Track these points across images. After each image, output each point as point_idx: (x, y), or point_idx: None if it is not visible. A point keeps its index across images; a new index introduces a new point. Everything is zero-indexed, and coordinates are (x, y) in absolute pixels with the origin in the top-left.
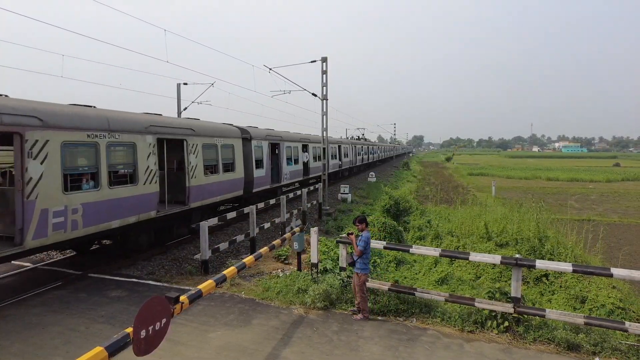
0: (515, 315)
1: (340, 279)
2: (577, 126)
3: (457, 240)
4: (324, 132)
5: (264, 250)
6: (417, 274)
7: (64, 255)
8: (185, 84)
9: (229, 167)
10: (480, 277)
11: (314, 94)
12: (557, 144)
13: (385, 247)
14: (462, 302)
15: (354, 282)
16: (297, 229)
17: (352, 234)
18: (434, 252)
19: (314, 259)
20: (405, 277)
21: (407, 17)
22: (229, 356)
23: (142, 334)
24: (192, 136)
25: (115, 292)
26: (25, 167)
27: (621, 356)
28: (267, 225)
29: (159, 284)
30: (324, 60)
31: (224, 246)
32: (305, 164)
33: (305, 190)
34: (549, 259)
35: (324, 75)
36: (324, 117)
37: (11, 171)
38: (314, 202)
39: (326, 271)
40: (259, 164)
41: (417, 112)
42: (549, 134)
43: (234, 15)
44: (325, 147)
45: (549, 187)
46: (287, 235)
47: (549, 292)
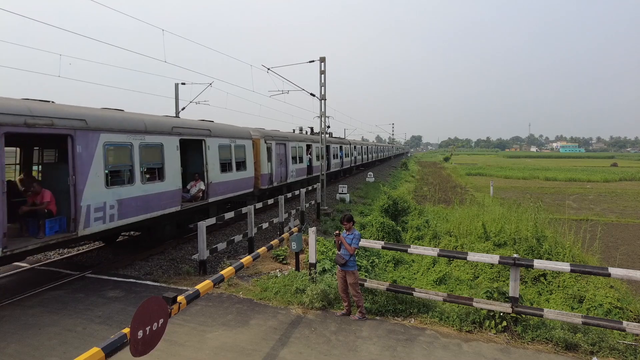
0: (513, 315)
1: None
2: (574, 126)
3: (455, 240)
4: (323, 133)
5: (262, 250)
6: (415, 273)
7: (62, 255)
8: (183, 83)
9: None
10: (478, 277)
11: (312, 94)
12: (555, 144)
13: (383, 247)
14: (460, 302)
15: (341, 283)
16: (295, 229)
17: (339, 234)
18: (432, 252)
19: (312, 259)
20: (403, 277)
21: (406, 17)
22: (227, 357)
23: (139, 334)
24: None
25: (112, 293)
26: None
27: (619, 355)
28: (265, 225)
29: (156, 284)
30: (322, 60)
31: (222, 246)
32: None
33: (303, 190)
34: (547, 259)
35: (322, 75)
36: (322, 117)
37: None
38: (312, 202)
39: (324, 271)
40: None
41: (415, 112)
42: (547, 134)
43: (233, 14)
44: (323, 147)
45: (546, 187)
46: (285, 235)
47: (547, 291)
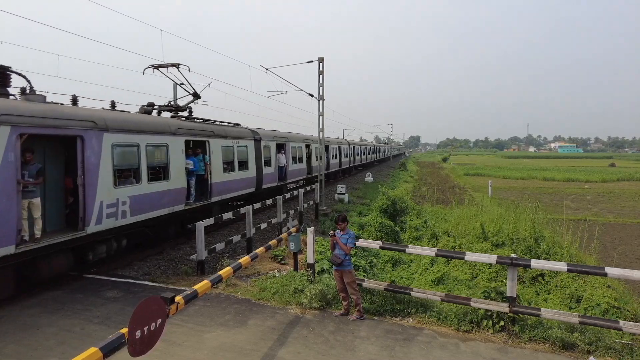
0: (510, 314)
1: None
2: (573, 127)
3: (453, 240)
4: (321, 133)
5: (260, 250)
6: (413, 273)
7: None
8: (181, 84)
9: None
10: (476, 277)
11: (310, 94)
12: (553, 144)
13: (381, 247)
14: (458, 302)
15: (339, 283)
16: (293, 229)
17: (334, 234)
18: (430, 252)
19: (311, 259)
20: (401, 277)
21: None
22: (225, 357)
23: (138, 334)
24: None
25: (111, 293)
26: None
27: (615, 355)
28: (263, 225)
29: (154, 284)
30: (321, 60)
31: (220, 246)
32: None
33: (302, 190)
34: (545, 259)
35: (321, 75)
36: (321, 117)
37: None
38: (311, 203)
39: (323, 271)
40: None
41: (413, 112)
42: (545, 135)
43: (230, 14)
44: (322, 147)
45: (545, 187)
46: (284, 235)
47: (545, 291)
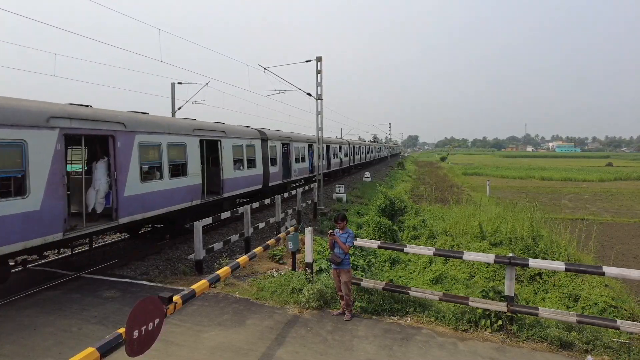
0: (508, 314)
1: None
2: (570, 126)
3: (451, 239)
4: (319, 132)
5: (258, 250)
6: (411, 273)
7: (57, 255)
8: (179, 83)
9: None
10: (474, 276)
11: (308, 94)
12: (550, 144)
13: (379, 247)
14: (456, 301)
15: (338, 282)
16: (291, 229)
17: (333, 233)
18: (428, 251)
19: (309, 259)
20: (399, 277)
21: (403, 19)
22: (223, 356)
23: (135, 334)
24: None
25: (108, 293)
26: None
27: (613, 354)
28: (261, 225)
29: (152, 284)
30: (319, 59)
31: (218, 246)
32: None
33: (300, 190)
34: (543, 258)
35: (319, 74)
36: (319, 116)
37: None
38: (309, 202)
39: (321, 271)
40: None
41: (412, 112)
42: (543, 134)
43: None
44: (321, 147)
45: (542, 186)
46: (282, 235)
47: (543, 290)
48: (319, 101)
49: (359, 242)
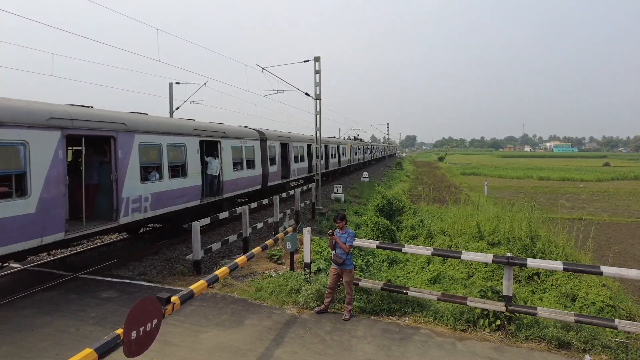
0: (507, 313)
1: None
2: (568, 126)
3: (449, 239)
4: (317, 132)
5: (256, 250)
6: (409, 273)
7: (55, 256)
8: (177, 83)
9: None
10: (472, 276)
11: (307, 94)
12: (548, 144)
13: (378, 247)
14: (454, 301)
15: (334, 281)
16: (290, 229)
17: (333, 234)
18: (426, 251)
19: (307, 259)
20: (398, 277)
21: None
22: (222, 357)
23: (133, 335)
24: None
25: (106, 293)
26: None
27: (611, 353)
28: (260, 225)
29: (150, 284)
30: (317, 59)
31: (216, 246)
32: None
33: (298, 190)
34: (541, 258)
35: (317, 74)
36: (317, 116)
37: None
38: (307, 202)
39: (319, 271)
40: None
41: (410, 112)
42: (541, 134)
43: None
44: (319, 147)
45: (540, 186)
46: (280, 235)
47: (540, 290)
48: (317, 101)
49: (358, 242)
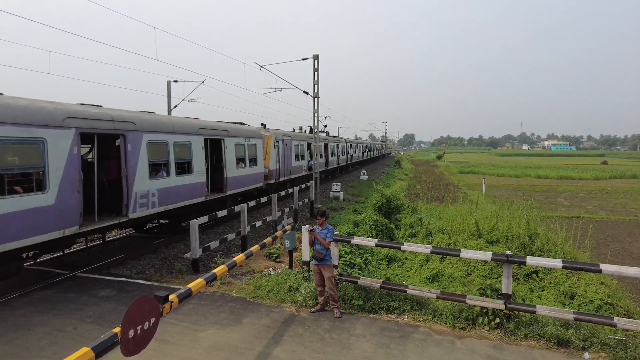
0: (506, 311)
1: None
2: (566, 125)
3: (448, 237)
4: (316, 130)
5: (255, 248)
6: (408, 271)
7: (52, 254)
8: (175, 81)
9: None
10: (471, 274)
11: (305, 92)
12: (546, 143)
13: (376, 245)
14: (453, 299)
15: (318, 278)
16: (288, 227)
17: (313, 230)
18: (425, 249)
19: (306, 257)
20: (396, 275)
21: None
22: (220, 356)
23: (131, 334)
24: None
25: (104, 292)
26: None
27: (610, 351)
28: (258, 223)
29: (148, 283)
30: (316, 57)
31: (214, 245)
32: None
33: (297, 188)
34: (539, 256)
35: (316, 73)
36: (316, 115)
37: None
38: (306, 201)
39: None
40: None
41: (408, 111)
42: (539, 133)
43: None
44: (317, 145)
45: (538, 185)
46: (278, 233)
47: (539, 288)
48: (316, 99)
49: (356, 240)
